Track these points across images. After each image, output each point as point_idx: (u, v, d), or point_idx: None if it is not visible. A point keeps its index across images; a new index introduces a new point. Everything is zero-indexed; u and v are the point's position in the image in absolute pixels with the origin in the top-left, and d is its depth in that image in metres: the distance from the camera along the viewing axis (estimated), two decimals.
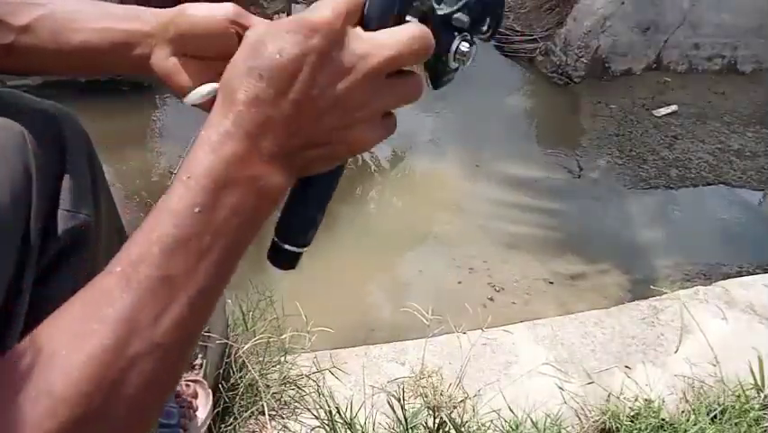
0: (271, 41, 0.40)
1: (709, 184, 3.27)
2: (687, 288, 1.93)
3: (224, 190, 0.40)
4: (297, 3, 4.62)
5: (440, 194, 2.95)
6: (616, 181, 3.20)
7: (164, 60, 0.58)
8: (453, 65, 0.49)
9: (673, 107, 3.80)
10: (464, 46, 0.48)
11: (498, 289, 2.41)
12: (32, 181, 0.64)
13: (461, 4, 0.47)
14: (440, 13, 0.47)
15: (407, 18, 0.45)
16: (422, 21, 0.45)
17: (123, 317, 0.37)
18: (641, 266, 2.64)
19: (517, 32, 4.31)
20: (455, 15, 0.47)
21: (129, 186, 2.63)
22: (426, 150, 3.17)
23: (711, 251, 2.78)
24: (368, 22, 0.43)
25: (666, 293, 1.81)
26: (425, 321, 1.47)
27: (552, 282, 2.49)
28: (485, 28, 0.50)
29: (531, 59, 4.10)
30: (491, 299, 2.36)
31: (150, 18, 0.59)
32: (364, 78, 0.41)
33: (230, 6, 0.56)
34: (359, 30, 0.42)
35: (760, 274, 2.01)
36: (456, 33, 0.48)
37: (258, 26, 0.44)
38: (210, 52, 0.57)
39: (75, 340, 0.36)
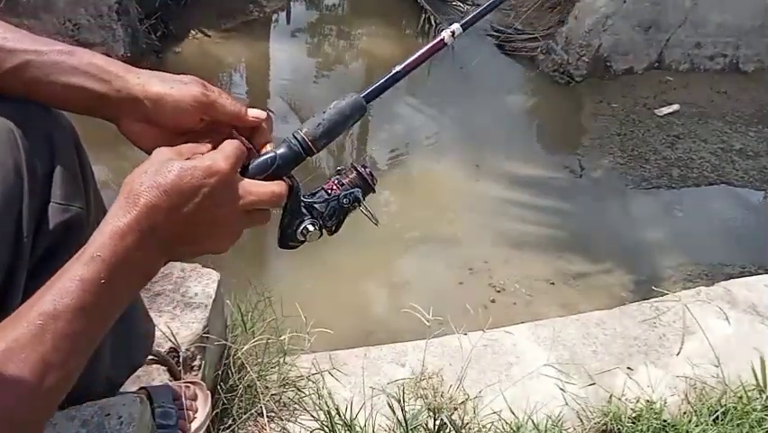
0: (178, 169, 0.56)
1: (712, 184, 3.26)
2: (689, 288, 1.91)
3: (123, 269, 0.55)
4: (296, 2, 4.62)
5: (440, 194, 2.94)
6: (617, 181, 3.19)
7: (131, 125, 0.68)
8: (300, 237, 0.68)
9: (675, 107, 3.79)
10: (310, 227, 0.68)
11: (498, 289, 2.40)
12: (24, 177, 0.64)
13: (322, 200, 0.68)
14: (304, 199, 0.68)
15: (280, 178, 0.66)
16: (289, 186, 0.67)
17: (41, 360, 0.52)
18: (643, 266, 2.63)
19: (518, 30, 4.29)
20: (314, 205, 0.68)
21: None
22: (427, 149, 3.16)
23: (713, 251, 2.77)
24: (247, 172, 0.64)
25: (668, 294, 1.80)
26: (425, 322, 1.46)
27: (553, 283, 2.48)
28: (330, 225, 0.70)
29: (532, 57, 4.09)
30: (492, 301, 2.35)
31: (121, 85, 0.65)
32: (233, 209, 0.60)
33: (196, 90, 0.66)
34: (238, 176, 0.61)
35: (762, 274, 1.99)
36: (308, 216, 0.68)
37: (164, 150, 0.59)
38: (170, 125, 0.67)
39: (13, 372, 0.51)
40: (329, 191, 0.70)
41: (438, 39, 0.74)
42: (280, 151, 0.67)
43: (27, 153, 0.65)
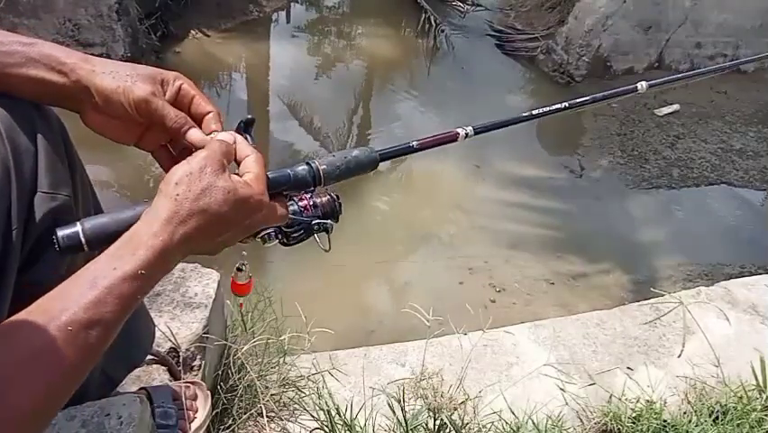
0: (232, 201, 0.61)
1: (712, 184, 3.26)
2: (689, 288, 1.92)
3: (155, 282, 0.60)
4: (296, 2, 4.62)
5: (440, 194, 2.94)
6: (617, 181, 3.19)
7: (92, 116, 0.68)
8: (258, 239, 0.72)
9: (675, 107, 3.79)
10: (273, 235, 0.72)
11: (498, 289, 2.40)
12: (10, 169, 0.64)
13: (294, 215, 0.72)
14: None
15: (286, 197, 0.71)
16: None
17: (68, 366, 0.54)
18: (643, 266, 2.63)
19: (518, 30, 4.30)
20: (293, 217, 0.72)
21: (126, 184, 2.63)
22: (426, 150, 3.15)
23: (713, 251, 2.77)
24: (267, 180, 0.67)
25: (668, 294, 1.80)
26: (425, 322, 1.46)
27: (553, 283, 2.48)
28: (291, 241, 0.74)
29: (532, 57, 4.09)
30: (492, 301, 2.35)
31: (76, 78, 0.66)
32: (254, 227, 0.66)
33: (143, 92, 0.66)
34: (270, 203, 0.66)
35: (762, 274, 1.99)
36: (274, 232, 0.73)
37: (204, 160, 0.61)
38: (125, 118, 0.67)
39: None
40: (302, 209, 0.73)
41: (453, 132, 0.84)
42: (297, 171, 0.70)
43: (12, 145, 0.64)
